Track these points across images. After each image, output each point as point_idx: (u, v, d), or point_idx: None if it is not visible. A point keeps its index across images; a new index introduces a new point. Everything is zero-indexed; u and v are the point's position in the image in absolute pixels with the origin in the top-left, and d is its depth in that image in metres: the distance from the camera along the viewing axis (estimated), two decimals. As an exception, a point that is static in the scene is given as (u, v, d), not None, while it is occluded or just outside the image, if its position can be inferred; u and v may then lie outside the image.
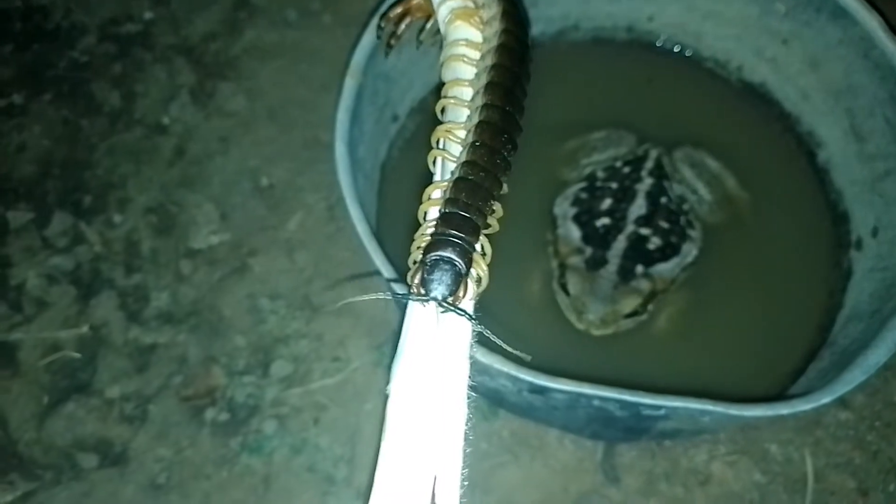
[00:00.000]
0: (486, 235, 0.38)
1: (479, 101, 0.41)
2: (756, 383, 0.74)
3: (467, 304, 0.37)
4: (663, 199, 0.79)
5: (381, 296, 0.37)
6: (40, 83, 0.97)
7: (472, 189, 0.37)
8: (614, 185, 0.80)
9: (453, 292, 0.35)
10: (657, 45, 0.90)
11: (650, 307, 0.75)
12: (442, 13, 0.48)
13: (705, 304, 0.78)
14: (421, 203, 0.39)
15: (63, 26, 1.02)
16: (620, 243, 0.76)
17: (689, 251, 0.78)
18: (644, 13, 0.88)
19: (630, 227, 0.77)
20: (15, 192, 0.90)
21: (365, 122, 0.72)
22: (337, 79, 0.94)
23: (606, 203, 0.79)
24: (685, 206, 0.81)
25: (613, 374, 0.73)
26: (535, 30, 0.88)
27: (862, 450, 0.76)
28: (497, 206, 0.39)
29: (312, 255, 0.85)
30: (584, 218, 0.78)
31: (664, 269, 0.76)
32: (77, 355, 0.81)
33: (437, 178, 0.42)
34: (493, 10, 0.45)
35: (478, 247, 0.37)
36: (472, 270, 0.37)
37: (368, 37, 0.70)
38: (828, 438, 0.77)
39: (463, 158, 0.39)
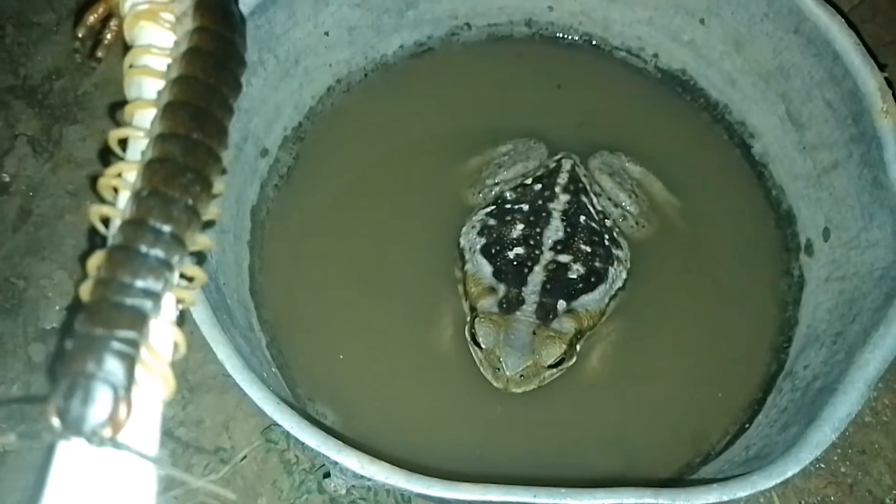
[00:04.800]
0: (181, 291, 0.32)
1: (156, 130, 0.32)
2: (710, 421, 0.64)
3: (147, 422, 0.28)
4: (582, 218, 0.68)
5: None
6: None
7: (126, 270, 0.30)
8: (525, 208, 0.69)
9: (110, 420, 0.26)
10: (561, 37, 0.79)
11: (578, 347, 0.64)
12: (124, 12, 0.37)
13: (642, 335, 0.67)
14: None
15: None
16: (538, 276, 0.65)
17: (618, 275, 0.67)
18: (542, 3, 0.77)
19: (547, 256, 0.66)
20: None
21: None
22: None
23: (518, 229, 0.67)
24: (608, 223, 0.70)
25: (543, 434, 0.63)
26: (422, 34, 0.77)
27: (837, 484, 0.66)
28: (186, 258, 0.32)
29: (188, 323, 0.72)
30: (495, 249, 0.67)
31: (590, 300, 0.65)
32: None
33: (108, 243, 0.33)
34: (185, 3, 0.35)
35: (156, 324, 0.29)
36: (147, 367, 0.28)
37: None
38: (797, 475, 0.67)
39: (127, 216, 0.31)
